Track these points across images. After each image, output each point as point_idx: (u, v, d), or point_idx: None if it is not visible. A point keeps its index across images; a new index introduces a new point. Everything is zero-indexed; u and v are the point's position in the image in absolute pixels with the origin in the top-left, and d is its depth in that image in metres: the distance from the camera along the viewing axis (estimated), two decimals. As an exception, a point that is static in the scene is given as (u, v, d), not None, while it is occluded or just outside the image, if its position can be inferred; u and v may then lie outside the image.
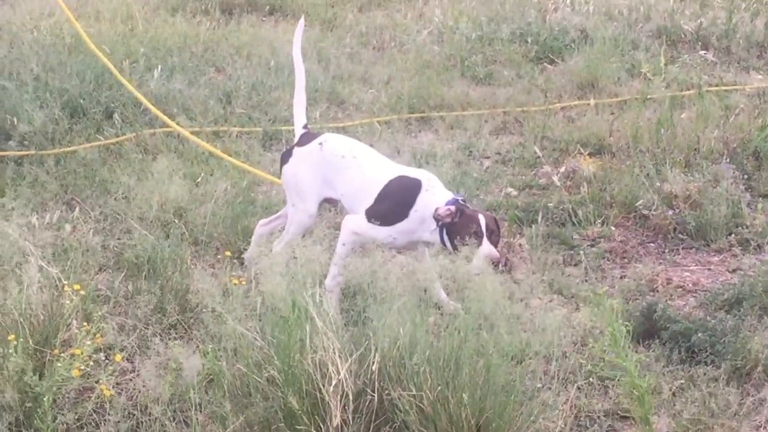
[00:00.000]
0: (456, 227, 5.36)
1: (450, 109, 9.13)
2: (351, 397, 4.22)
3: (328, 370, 4.24)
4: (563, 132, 8.37)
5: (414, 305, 4.48)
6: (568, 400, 4.60)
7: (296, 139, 6.05)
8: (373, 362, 4.30)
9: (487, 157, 8.12)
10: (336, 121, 8.92)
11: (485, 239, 5.30)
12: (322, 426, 4.18)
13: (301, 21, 6.36)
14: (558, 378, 4.61)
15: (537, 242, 6.42)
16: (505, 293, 4.50)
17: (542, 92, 9.42)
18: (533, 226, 6.60)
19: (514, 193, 7.38)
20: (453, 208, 5.39)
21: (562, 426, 4.47)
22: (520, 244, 6.52)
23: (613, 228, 6.74)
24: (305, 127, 6.15)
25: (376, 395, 4.29)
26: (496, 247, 5.36)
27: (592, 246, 6.53)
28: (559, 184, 7.27)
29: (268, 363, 4.41)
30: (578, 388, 4.73)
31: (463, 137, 8.41)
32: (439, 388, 4.19)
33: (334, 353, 4.27)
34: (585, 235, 6.67)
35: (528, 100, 9.33)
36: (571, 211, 6.87)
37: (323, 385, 4.22)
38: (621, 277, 6.16)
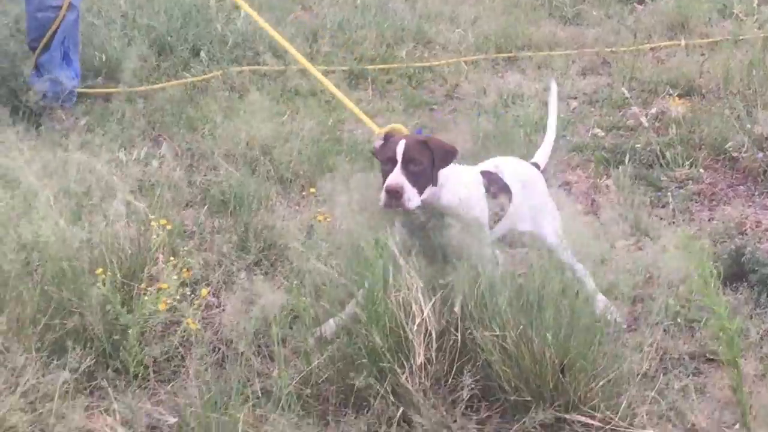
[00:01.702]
0: (379, 158, 4.76)
1: (537, 49, 9.06)
2: (434, 336, 4.22)
3: (411, 308, 4.24)
4: (652, 73, 8.26)
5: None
6: (653, 341, 4.55)
7: None
8: (456, 302, 4.30)
9: (575, 98, 8.03)
10: (423, 60, 8.88)
11: (398, 167, 4.56)
12: (405, 364, 4.18)
13: (553, 84, 5.99)
14: (643, 319, 4.56)
15: (624, 183, 6.34)
16: (591, 234, 4.45)
17: (631, 32, 9.31)
18: (620, 167, 6.53)
19: (602, 134, 7.30)
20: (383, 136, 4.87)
21: (647, 367, 4.42)
22: (606, 186, 6.45)
23: (701, 170, 6.64)
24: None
25: (459, 335, 4.28)
26: (415, 177, 4.55)
27: (680, 188, 6.44)
28: (647, 125, 7.17)
29: (350, 300, 4.43)
30: (664, 330, 4.68)
31: (551, 77, 8.30)
32: (522, 327, 4.17)
33: (417, 292, 4.26)
34: (673, 177, 6.58)
35: (617, 40, 9.22)
36: (659, 152, 6.78)
37: (406, 324, 4.22)
38: (709, 220, 6.08)
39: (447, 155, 4.68)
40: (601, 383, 4.18)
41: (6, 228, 4.81)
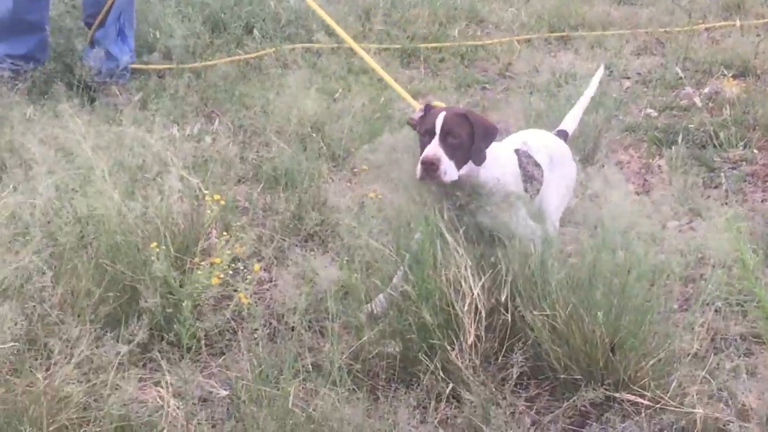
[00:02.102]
0: (418, 129, 4.69)
1: (591, 29, 9.02)
2: (484, 314, 4.23)
3: (461, 287, 4.26)
4: (706, 53, 8.20)
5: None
6: (704, 322, 4.54)
7: None
8: (506, 281, 4.31)
9: (628, 78, 8.00)
10: (475, 39, 8.87)
11: (435, 139, 4.50)
12: (455, 341, 4.20)
13: (601, 68, 6.09)
14: (696, 300, 4.54)
15: (676, 164, 6.31)
16: (643, 214, 4.44)
17: (686, 13, 9.25)
18: (673, 147, 6.50)
19: (654, 114, 7.26)
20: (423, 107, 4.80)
21: (698, 348, 4.42)
22: (659, 166, 6.43)
23: (755, 151, 6.59)
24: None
25: (509, 314, 4.29)
26: (453, 150, 4.49)
27: (734, 169, 6.41)
28: (700, 105, 7.13)
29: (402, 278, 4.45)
30: (715, 311, 4.66)
31: (604, 57, 8.27)
32: (572, 306, 4.17)
33: (466, 270, 4.28)
34: (726, 158, 6.54)
35: (671, 20, 9.16)
36: (712, 133, 6.75)
37: (456, 302, 4.23)
38: (762, 201, 6.04)
39: (488, 132, 4.62)
40: (651, 362, 4.18)
41: (62, 201, 4.88)
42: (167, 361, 4.26)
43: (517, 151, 4.89)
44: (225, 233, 4.81)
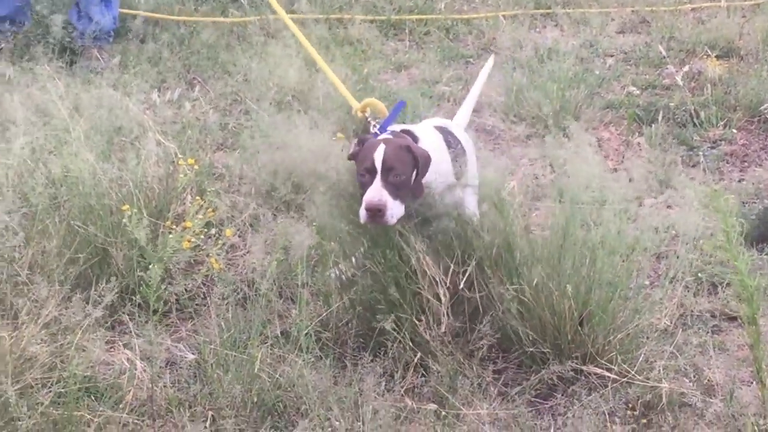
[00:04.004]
0: (357, 164, 4.31)
1: (576, 6, 8.99)
2: (448, 295, 4.21)
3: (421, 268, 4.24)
4: (691, 33, 8.17)
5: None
6: (673, 297, 4.55)
7: None
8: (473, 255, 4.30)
9: (611, 56, 7.97)
10: (461, 13, 8.85)
11: (377, 178, 4.15)
12: (422, 315, 4.20)
13: (491, 60, 5.87)
14: (666, 276, 4.55)
15: (656, 141, 6.32)
16: (618, 190, 4.43)
17: (673, -9, 9.22)
18: (653, 125, 6.50)
19: (637, 92, 7.24)
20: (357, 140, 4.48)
21: (668, 323, 4.43)
22: (638, 143, 6.42)
23: (735, 131, 6.59)
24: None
25: (476, 291, 4.28)
26: (397, 189, 4.16)
27: (713, 148, 6.40)
28: (682, 84, 7.12)
29: (369, 252, 4.41)
30: (686, 287, 4.67)
31: (588, 34, 8.26)
32: (539, 279, 4.16)
33: (425, 258, 4.25)
34: (706, 137, 6.53)
35: (657, -1, 9.14)
36: (693, 112, 6.73)
37: (418, 282, 4.22)
38: (739, 180, 6.04)
39: (427, 162, 4.29)
40: (619, 336, 4.19)
41: (36, 163, 4.87)
42: (135, 324, 4.27)
43: (441, 129, 4.77)
44: (198, 198, 4.79)
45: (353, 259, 4.45)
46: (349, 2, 8.78)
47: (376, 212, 4.10)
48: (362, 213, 4.14)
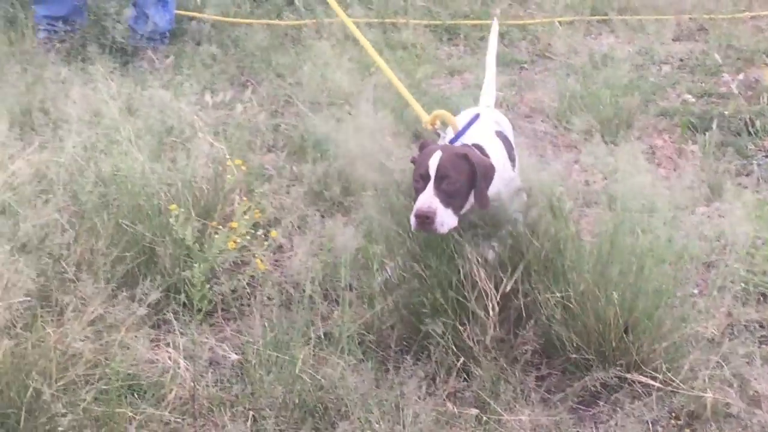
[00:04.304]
0: (414, 170, 4.27)
1: (634, 13, 8.93)
2: (497, 307, 4.19)
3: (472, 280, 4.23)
4: (749, 42, 8.12)
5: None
6: (722, 307, 4.50)
7: None
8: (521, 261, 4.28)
9: (668, 63, 7.92)
10: (517, 18, 8.82)
11: (430, 185, 4.12)
12: (467, 322, 4.19)
13: (495, 23, 5.74)
14: (715, 285, 4.50)
15: (709, 150, 6.25)
16: (670, 198, 4.39)
17: (732, 0, 9.13)
18: (707, 133, 6.43)
19: (692, 99, 7.18)
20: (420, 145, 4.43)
21: (714, 333, 4.39)
22: (692, 151, 6.37)
23: (791, 140, 6.52)
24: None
25: (520, 297, 4.25)
26: (450, 197, 4.12)
27: (767, 157, 6.33)
28: (737, 92, 7.05)
29: (419, 258, 4.38)
30: (735, 297, 4.62)
31: (645, 41, 8.23)
32: (585, 285, 4.13)
33: (479, 270, 4.23)
34: (761, 146, 6.46)
35: (716, 7, 9.06)
36: (748, 120, 6.67)
37: (467, 292, 4.20)
38: (795, 190, 5.98)
39: (488, 171, 4.23)
40: (664, 345, 4.15)
41: (87, 161, 4.91)
42: (180, 323, 4.29)
43: (498, 134, 4.70)
44: (245, 199, 4.81)
45: (399, 260, 4.44)
46: (404, 7, 8.77)
47: (425, 219, 4.06)
48: (412, 219, 4.10)
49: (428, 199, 4.07)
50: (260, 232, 4.80)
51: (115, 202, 4.74)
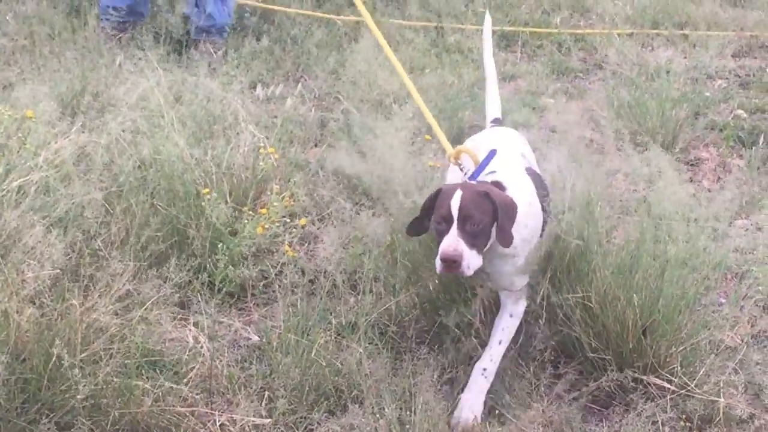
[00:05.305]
0: (434, 212, 4.08)
1: (694, 28, 8.90)
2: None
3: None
4: (811, 60, 8.08)
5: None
6: (744, 315, 4.50)
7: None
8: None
9: (724, 78, 7.89)
10: (576, 28, 8.83)
11: (454, 227, 3.95)
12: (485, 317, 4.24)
13: (488, 18, 5.61)
14: (736, 293, 4.50)
15: (755, 164, 6.23)
16: (709, 208, 4.40)
17: (794, 18, 9.09)
18: (753, 147, 6.41)
19: (744, 115, 7.15)
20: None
21: (735, 340, 4.39)
22: (737, 165, 6.35)
23: (837, 158, 6.47)
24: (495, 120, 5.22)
25: (540, 297, 4.28)
26: (475, 238, 3.95)
27: (814, 172, 6.30)
28: (784, 107, 7.02)
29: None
30: (756, 305, 4.62)
31: (703, 56, 8.18)
32: (607, 287, 4.16)
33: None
34: (809, 162, 6.44)
35: (779, 25, 9.01)
36: (796, 136, 6.64)
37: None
38: (837, 208, 5.93)
39: (511, 208, 4.05)
40: (681, 349, 4.16)
41: (129, 144, 5.03)
42: (206, 304, 4.37)
43: (528, 170, 4.49)
44: (277, 187, 4.89)
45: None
46: (464, 12, 8.82)
47: (452, 263, 3.90)
48: (437, 263, 3.93)
49: (453, 241, 3.91)
50: (294, 220, 4.89)
51: (153, 184, 4.84)
